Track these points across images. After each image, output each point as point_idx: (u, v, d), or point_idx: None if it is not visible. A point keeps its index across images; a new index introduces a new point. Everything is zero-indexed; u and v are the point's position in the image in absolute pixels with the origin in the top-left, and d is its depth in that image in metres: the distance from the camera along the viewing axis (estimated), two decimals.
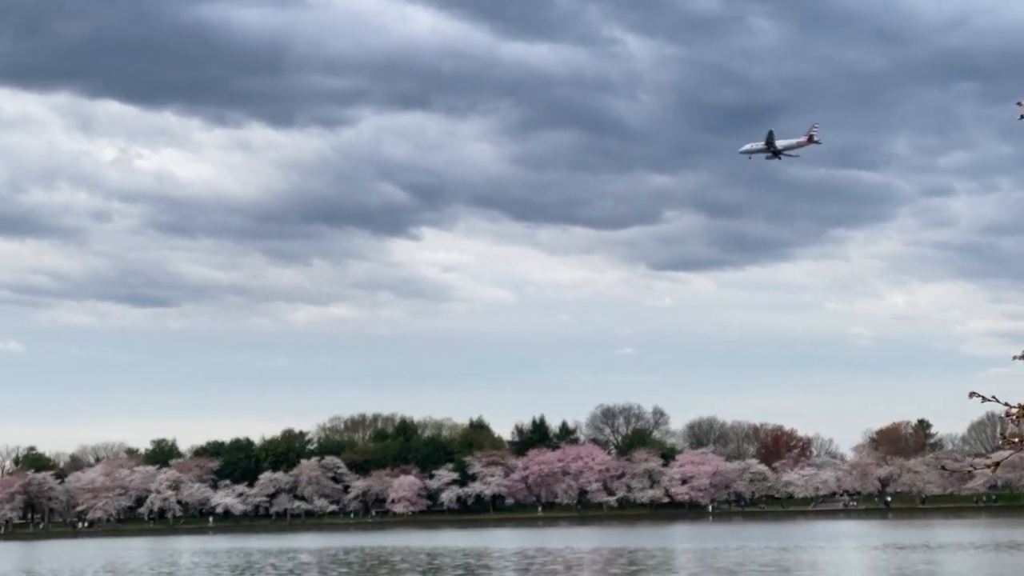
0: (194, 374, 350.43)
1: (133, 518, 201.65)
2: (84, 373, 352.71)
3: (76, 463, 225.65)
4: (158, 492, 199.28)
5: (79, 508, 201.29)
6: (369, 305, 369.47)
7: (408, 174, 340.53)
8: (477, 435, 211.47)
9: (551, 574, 55.12)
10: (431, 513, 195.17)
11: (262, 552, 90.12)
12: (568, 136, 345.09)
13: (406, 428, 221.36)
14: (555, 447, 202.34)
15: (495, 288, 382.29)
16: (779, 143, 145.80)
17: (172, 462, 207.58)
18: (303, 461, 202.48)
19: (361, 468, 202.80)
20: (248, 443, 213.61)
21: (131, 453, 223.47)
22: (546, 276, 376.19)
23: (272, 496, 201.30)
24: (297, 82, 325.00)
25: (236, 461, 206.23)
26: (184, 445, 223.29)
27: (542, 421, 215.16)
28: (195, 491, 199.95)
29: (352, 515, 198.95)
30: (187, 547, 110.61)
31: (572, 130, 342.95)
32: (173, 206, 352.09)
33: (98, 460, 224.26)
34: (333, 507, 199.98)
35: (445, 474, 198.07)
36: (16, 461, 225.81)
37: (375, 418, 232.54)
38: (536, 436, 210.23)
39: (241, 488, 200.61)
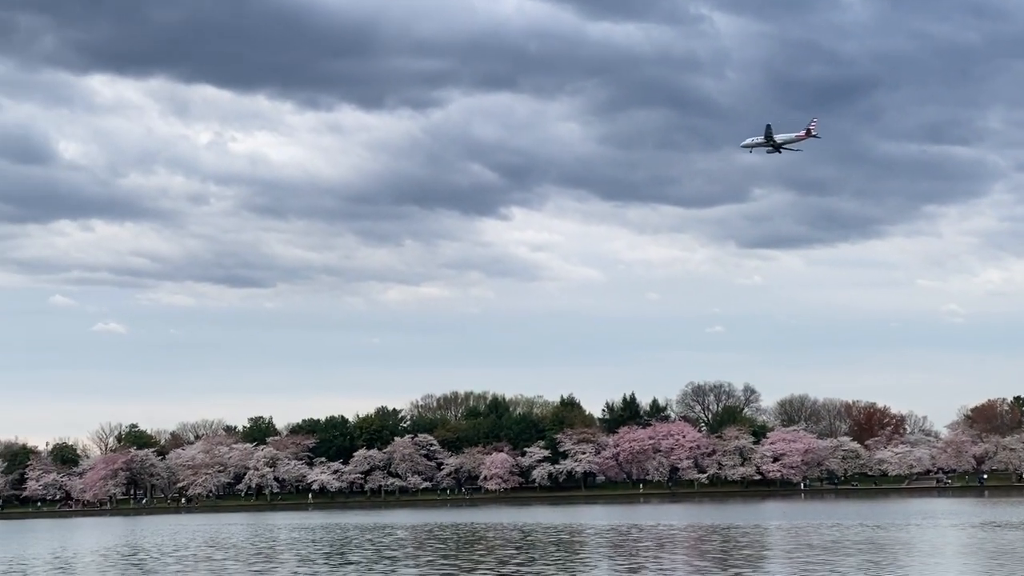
0: (289, 353, 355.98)
1: (231, 494, 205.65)
2: (183, 353, 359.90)
3: (176, 440, 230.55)
4: (256, 469, 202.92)
5: (180, 484, 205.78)
6: (459, 284, 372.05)
7: (497, 154, 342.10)
8: (568, 413, 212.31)
9: (646, 550, 55.78)
10: (523, 490, 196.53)
11: (358, 528, 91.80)
12: (656, 115, 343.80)
13: (498, 406, 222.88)
14: (646, 424, 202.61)
15: (584, 267, 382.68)
16: (778, 137, 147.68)
17: (269, 440, 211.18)
18: (396, 439, 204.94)
19: (453, 445, 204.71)
20: (343, 421, 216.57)
21: (229, 431, 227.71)
22: (635, 255, 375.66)
23: (366, 473, 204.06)
24: (387, 64, 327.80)
25: (331, 439, 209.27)
26: (280, 423, 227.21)
27: (633, 399, 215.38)
28: (291, 468, 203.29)
29: (445, 492, 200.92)
30: (284, 523, 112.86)
31: (660, 109, 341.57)
32: (267, 188, 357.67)
33: (197, 438, 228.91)
34: (426, 484, 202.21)
35: (537, 451, 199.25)
36: (119, 439, 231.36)
37: (467, 396, 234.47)
38: (627, 414, 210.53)
39: (336, 465, 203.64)
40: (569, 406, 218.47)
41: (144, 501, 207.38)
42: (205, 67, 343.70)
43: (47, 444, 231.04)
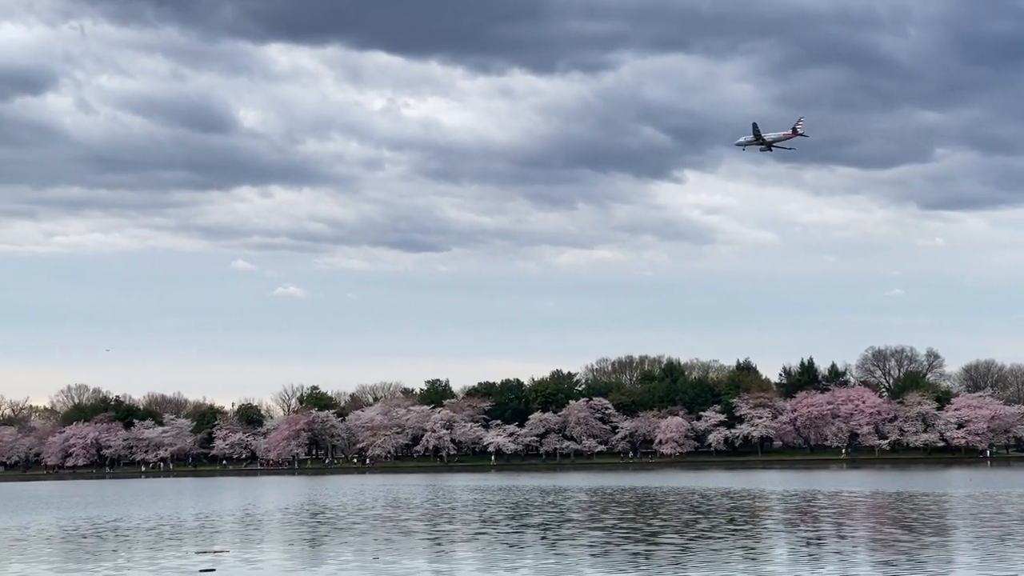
0: (464, 317, 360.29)
1: (409, 456, 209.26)
2: (360, 316, 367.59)
3: (356, 402, 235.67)
4: (433, 431, 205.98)
5: (359, 445, 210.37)
6: (632, 248, 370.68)
7: (670, 117, 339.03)
8: (744, 377, 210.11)
9: (832, 516, 54.70)
10: (697, 455, 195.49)
11: (537, 490, 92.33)
12: (832, 74, 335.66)
13: (673, 370, 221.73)
14: (824, 389, 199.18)
15: (759, 230, 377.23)
16: (767, 136, 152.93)
17: (446, 402, 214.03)
18: (571, 402, 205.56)
19: (628, 409, 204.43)
20: (518, 384, 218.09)
21: (407, 393, 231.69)
22: (811, 217, 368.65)
23: (542, 436, 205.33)
24: (558, 28, 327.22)
25: (507, 402, 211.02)
26: (457, 385, 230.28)
27: (811, 363, 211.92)
28: (468, 430, 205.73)
29: (621, 455, 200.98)
30: (463, 484, 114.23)
31: (837, 68, 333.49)
32: (439, 153, 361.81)
33: (376, 399, 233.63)
34: (601, 447, 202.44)
35: (712, 416, 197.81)
36: (301, 400, 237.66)
37: (642, 360, 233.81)
38: (805, 378, 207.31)
39: (512, 428, 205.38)
40: (745, 370, 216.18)
41: (328, 461, 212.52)
42: (378, 34, 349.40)
43: (233, 405, 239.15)
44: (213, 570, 36.81)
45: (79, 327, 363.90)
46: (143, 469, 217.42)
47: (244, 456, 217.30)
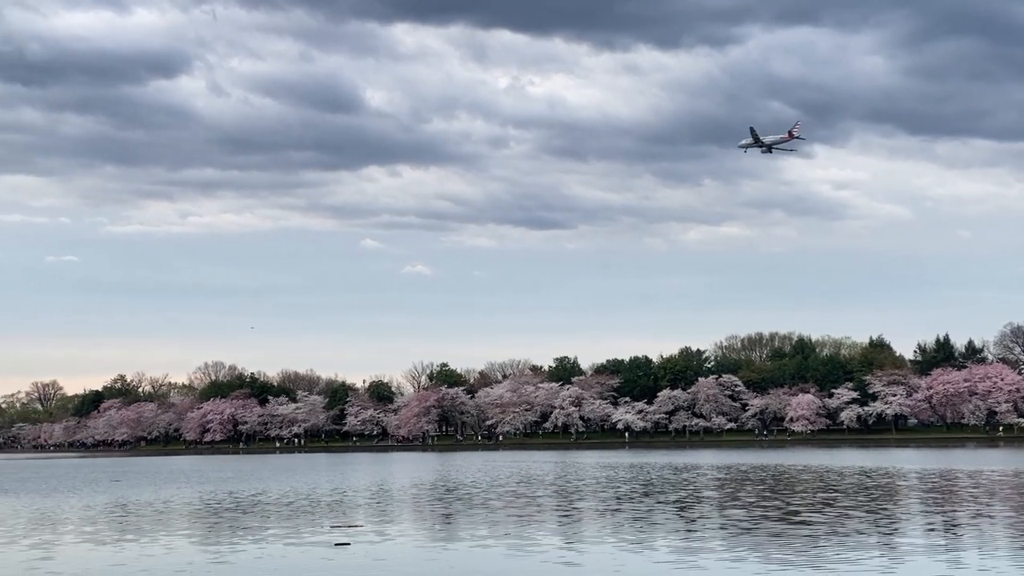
0: (591, 294, 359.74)
1: (538, 432, 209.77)
2: (487, 294, 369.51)
3: (485, 379, 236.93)
4: (561, 408, 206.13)
5: (488, 422, 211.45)
6: (761, 224, 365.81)
7: (798, 91, 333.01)
8: (877, 354, 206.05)
9: (977, 497, 53.14)
10: (830, 432, 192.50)
11: (669, 467, 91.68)
12: (967, 44, 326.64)
13: (803, 347, 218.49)
14: (961, 367, 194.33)
15: (891, 204, 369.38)
16: (766, 139, 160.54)
17: (574, 379, 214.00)
18: (700, 379, 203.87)
19: (758, 386, 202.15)
20: (646, 361, 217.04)
21: (535, 370, 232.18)
22: (945, 191, 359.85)
23: (670, 413, 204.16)
24: (683, 3, 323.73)
25: (635, 379, 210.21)
26: (585, 363, 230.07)
27: (946, 340, 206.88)
28: (596, 407, 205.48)
29: (753, 432, 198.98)
30: (593, 460, 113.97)
31: (972, 38, 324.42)
32: (565, 131, 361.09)
33: (505, 377, 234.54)
34: (731, 424, 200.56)
35: (844, 393, 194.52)
36: (430, 377, 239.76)
37: (772, 337, 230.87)
38: (940, 355, 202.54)
39: (640, 405, 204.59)
40: (878, 347, 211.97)
41: (460, 437, 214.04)
42: (502, 12, 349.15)
43: (364, 382, 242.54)
44: (348, 544, 37.07)
45: (214, 305, 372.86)
46: (277, 445, 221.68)
47: (375, 432, 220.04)
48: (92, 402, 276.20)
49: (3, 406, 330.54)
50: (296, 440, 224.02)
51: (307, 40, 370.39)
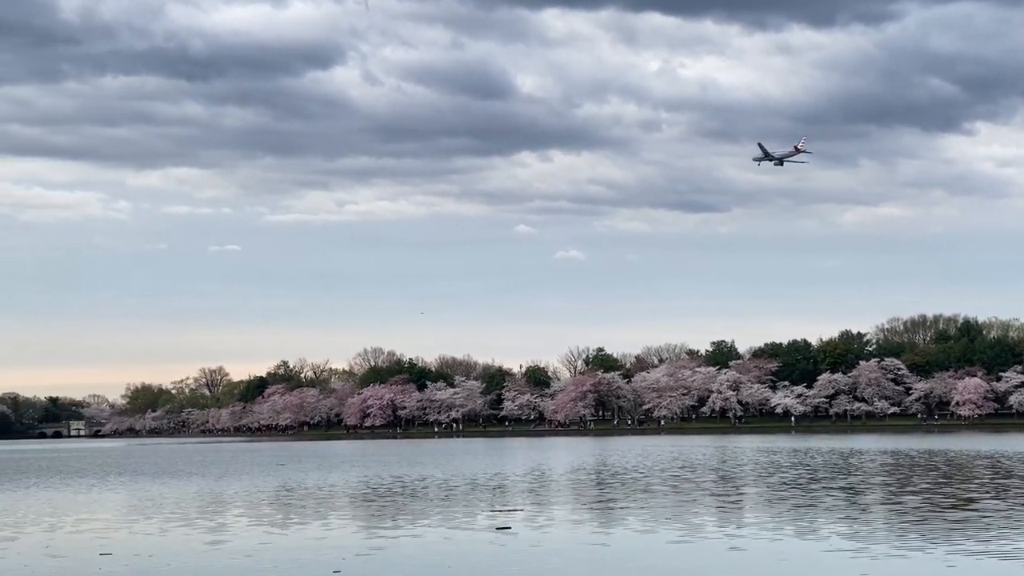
0: (746, 277, 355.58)
1: (696, 417, 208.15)
2: (641, 278, 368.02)
3: (641, 364, 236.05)
4: (719, 392, 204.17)
5: (645, 407, 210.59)
6: (921, 204, 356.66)
7: (958, 67, 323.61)
8: None
9: None
10: (998, 417, 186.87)
11: (833, 452, 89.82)
12: None
13: (969, 329, 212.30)
14: None
15: None
16: (776, 153, 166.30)
17: (731, 363, 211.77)
18: (861, 363, 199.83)
19: (922, 370, 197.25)
20: (805, 344, 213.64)
21: (692, 354, 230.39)
22: None
23: (831, 397, 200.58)
24: None
25: (794, 362, 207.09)
26: (742, 346, 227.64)
27: None
28: (754, 391, 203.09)
29: (916, 417, 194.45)
30: (753, 445, 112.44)
31: None
32: (717, 113, 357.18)
33: (661, 361, 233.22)
34: (894, 409, 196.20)
35: (1014, 376, 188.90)
36: (587, 362, 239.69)
37: (936, 319, 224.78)
38: None
39: (800, 389, 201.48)
40: None
41: (616, 423, 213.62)
42: None
43: (520, 367, 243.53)
44: (509, 527, 36.99)
45: (371, 292, 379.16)
46: (435, 430, 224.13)
47: (532, 417, 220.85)
48: (257, 388, 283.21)
49: (173, 392, 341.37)
50: (454, 425, 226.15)
51: (458, 27, 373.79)
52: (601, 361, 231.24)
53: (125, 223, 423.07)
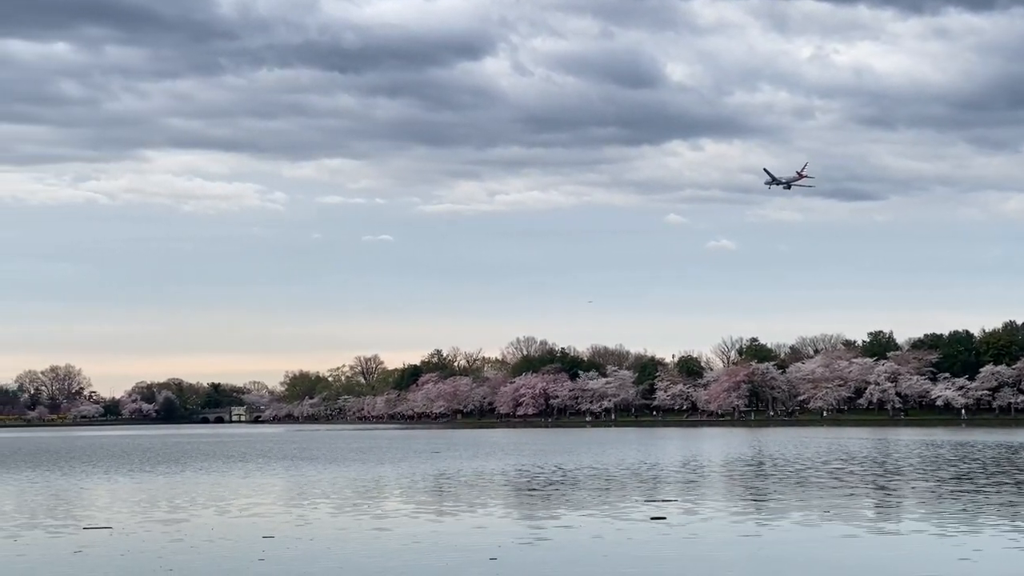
0: (904, 266, 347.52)
1: (852, 408, 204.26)
2: (793, 267, 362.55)
3: (795, 354, 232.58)
4: (876, 384, 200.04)
5: (800, 398, 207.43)
6: None
7: None
8: None
9: None
10: None
11: (1001, 447, 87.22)
12: None
13: None
14: None
15: None
16: (782, 178, 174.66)
17: (889, 354, 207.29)
18: None
19: None
20: (967, 336, 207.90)
21: (848, 345, 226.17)
22: None
23: (994, 390, 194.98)
24: None
25: (955, 354, 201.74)
26: (900, 337, 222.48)
27: None
28: (913, 383, 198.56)
29: None
30: (914, 438, 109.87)
31: None
32: (873, 99, 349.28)
33: (816, 351, 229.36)
34: None
35: None
36: (740, 352, 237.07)
37: None
38: None
39: (961, 381, 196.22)
40: None
41: (771, 414, 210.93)
42: None
43: (673, 357, 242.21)
44: (664, 518, 36.82)
45: (522, 281, 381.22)
46: (587, 419, 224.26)
47: (684, 407, 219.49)
48: (411, 376, 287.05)
49: (329, 379, 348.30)
50: (606, 414, 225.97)
51: (607, 16, 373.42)
52: (755, 351, 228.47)
53: (281, 213, 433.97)
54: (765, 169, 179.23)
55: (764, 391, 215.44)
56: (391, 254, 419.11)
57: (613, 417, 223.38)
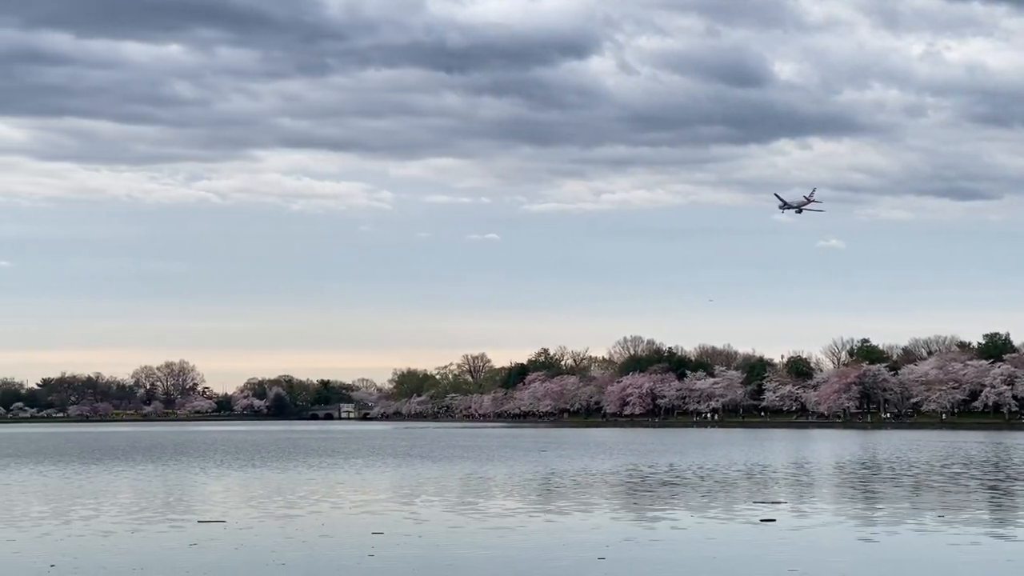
0: (1019, 266, 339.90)
1: (967, 412, 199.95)
2: (905, 267, 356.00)
3: (908, 356, 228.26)
4: (992, 387, 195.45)
5: (912, 400, 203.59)
6: None
7: None
8: None
9: None
10: None
11: None
12: None
13: None
14: None
15: None
16: (793, 202, 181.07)
17: (1006, 356, 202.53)
18: None
19: None
20: None
21: (963, 347, 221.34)
22: None
23: None
24: None
25: None
26: (1017, 339, 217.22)
27: None
28: None
29: None
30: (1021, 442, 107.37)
31: None
32: (986, 96, 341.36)
33: (930, 353, 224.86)
34: None
35: None
36: (851, 353, 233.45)
37: None
38: None
39: None
40: None
41: (885, 416, 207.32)
42: None
43: (782, 357, 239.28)
44: (774, 520, 36.49)
45: (628, 280, 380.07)
46: (694, 419, 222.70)
47: (793, 408, 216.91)
48: (518, 375, 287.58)
49: (437, 377, 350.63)
50: (713, 415, 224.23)
51: (713, 14, 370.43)
52: (866, 352, 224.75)
53: (388, 212, 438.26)
54: (776, 194, 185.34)
55: (876, 393, 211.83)
56: (497, 253, 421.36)
57: (720, 417, 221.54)
